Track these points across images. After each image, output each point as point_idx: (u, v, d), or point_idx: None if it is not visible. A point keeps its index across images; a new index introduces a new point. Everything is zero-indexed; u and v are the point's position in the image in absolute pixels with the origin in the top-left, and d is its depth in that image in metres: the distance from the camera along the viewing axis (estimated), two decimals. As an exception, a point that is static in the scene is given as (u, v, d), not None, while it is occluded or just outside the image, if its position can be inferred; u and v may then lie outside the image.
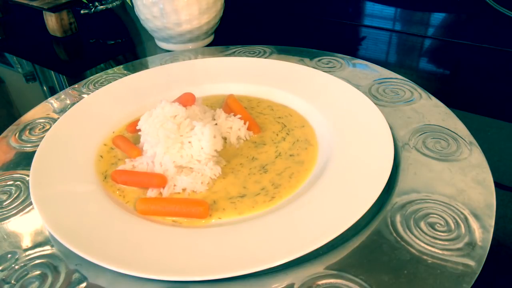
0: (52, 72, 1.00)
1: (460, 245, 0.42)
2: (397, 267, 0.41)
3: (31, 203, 0.52)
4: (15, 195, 0.55)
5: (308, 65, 0.78)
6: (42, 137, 0.63)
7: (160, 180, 0.55)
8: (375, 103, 0.64)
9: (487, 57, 0.91)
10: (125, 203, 0.53)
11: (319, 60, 0.81)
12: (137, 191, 0.55)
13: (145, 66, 0.86)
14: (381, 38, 1.04)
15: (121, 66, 0.87)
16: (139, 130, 0.61)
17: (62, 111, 0.72)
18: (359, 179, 0.51)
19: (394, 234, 0.44)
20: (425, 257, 0.42)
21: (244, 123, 0.64)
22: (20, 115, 0.72)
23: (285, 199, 0.52)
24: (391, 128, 0.59)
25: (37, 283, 0.42)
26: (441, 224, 0.45)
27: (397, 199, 0.49)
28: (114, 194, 0.55)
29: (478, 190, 0.49)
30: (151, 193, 0.55)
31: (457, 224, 0.45)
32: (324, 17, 1.14)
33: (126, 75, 0.80)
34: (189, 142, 0.58)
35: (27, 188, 0.55)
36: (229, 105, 0.68)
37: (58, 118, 0.67)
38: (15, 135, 0.67)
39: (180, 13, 0.90)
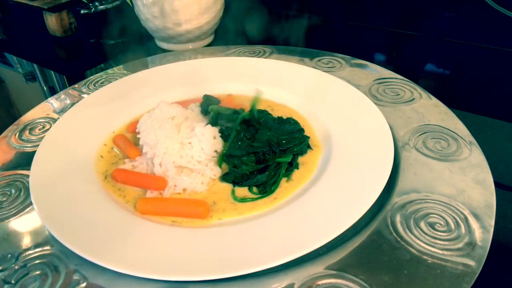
0: (52, 72, 1.00)
1: (460, 245, 0.42)
2: (397, 267, 0.41)
3: (31, 203, 0.52)
4: (15, 195, 0.55)
5: (308, 65, 0.78)
6: (42, 137, 0.63)
7: (160, 183, 0.55)
8: (375, 103, 0.64)
9: (487, 57, 0.91)
10: (125, 203, 0.53)
11: (319, 60, 0.81)
12: (137, 191, 0.55)
13: (145, 66, 0.85)
14: (381, 38, 1.04)
15: (121, 66, 0.87)
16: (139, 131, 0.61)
17: (62, 111, 0.72)
18: (359, 179, 0.51)
19: (394, 234, 0.44)
20: (425, 257, 0.42)
21: (244, 123, 0.64)
22: (20, 115, 0.72)
23: (285, 199, 0.52)
24: (391, 128, 0.59)
25: (37, 283, 0.42)
26: (441, 224, 0.45)
27: (397, 199, 0.49)
28: (114, 194, 0.55)
29: (478, 190, 0.49)
30: (151, 193, 0.55)
31: (457, 224, 0.45)
32: (324, 17, 1.14)
33: (126, 75, 0.80)
34: (189, 143, 0.58)
35: (27, 188, 0.55)
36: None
37: (58, 118, 0.67)
38: (15, 135, 0.67)
39: (180, 13, 0.90)
